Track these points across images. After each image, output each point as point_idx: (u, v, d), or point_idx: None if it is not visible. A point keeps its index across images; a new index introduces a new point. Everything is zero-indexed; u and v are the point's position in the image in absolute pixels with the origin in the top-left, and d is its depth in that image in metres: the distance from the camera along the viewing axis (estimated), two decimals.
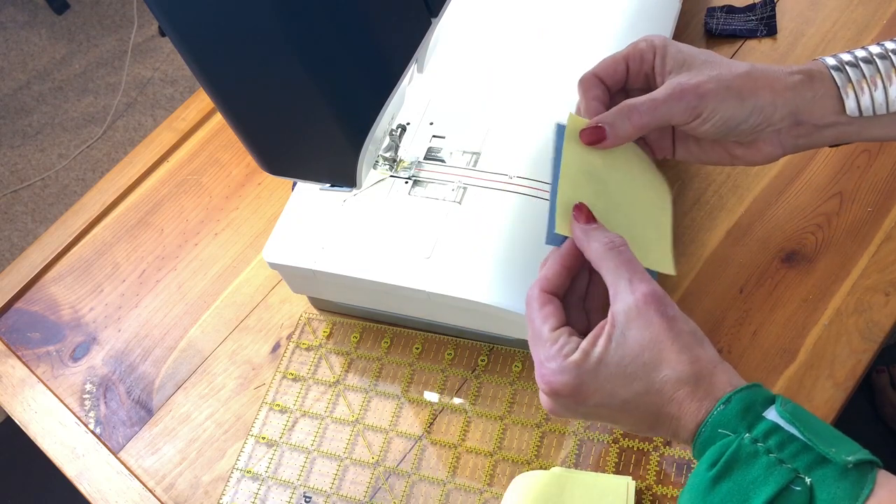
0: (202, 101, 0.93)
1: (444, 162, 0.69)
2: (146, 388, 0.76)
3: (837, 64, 0.52)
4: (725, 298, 0.68)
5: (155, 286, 0.82)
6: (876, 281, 0.67)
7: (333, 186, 0.66)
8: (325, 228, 0.68)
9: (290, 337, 0.76)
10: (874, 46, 0.53)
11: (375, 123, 0.56)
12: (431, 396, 0.69)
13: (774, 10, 0.82)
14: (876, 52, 0.52)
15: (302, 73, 0.50)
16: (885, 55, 0.52)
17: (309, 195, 0.70)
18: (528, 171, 0.66)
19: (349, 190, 0.69)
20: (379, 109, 0.56)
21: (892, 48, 0.52)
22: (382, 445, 0.68)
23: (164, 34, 2.25)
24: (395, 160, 0.69)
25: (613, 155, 0.54)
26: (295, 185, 0.72)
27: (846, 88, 0.52)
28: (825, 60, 0.53)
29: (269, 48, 0.49)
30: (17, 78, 2.33)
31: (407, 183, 0.69)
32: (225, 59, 0.51)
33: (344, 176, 0.60)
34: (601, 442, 0.64)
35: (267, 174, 0.64)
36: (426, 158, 0.70)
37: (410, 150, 0.71)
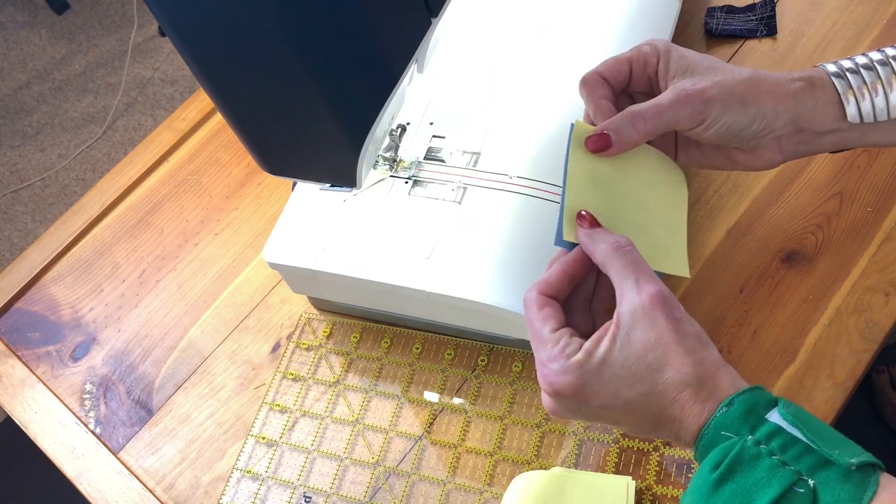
0: (202, 101, 0.93)
1: (444, 162, 0.69)
2: (146, 388, 0.76)
3: (838, 70, 0.52)
4: (725, 298, 0.68)
5: (155, 286, 0.82)
6: (876, 281, 0.67)
7: (333, 186, 0.66)
8: (325, 228, 0.68)
9: (290, 337, 0.76)
10: (875, 52, 0.53)
11: (375, 123, 0.56)
12: (431, 396, 0.69)
13: (774, 10, 0.82)
14: (876, 58, 0.52)
15: (302, 73, 0.50)
16: (885, 61, 0.52)
17: (309, 195, 0.70)
18: (528, 171, 0.66)
19: (349, 190, 0.69)
20: (379, 109, 0.56)
21: (892, 54, 0.52)
22: (382, 445, 0.68)
23: (164, 34, 2.25)
24: (395, 160, 0.69)
25: (622, 158, 0.54)
26: (295, 185, 0.72)
27: (847, 95, 0.52)
28: (826, 67, 0.53)
29: (269, 48, 0.49)
30: (17, 78, 2.33)
31: (407, 183, 0.69)
32: (225, 59, 0.51)
33: (344, 176, 0.60)
34: (601, 442, 0.64)
35: (267, 174, 0.64)
36: (426, 158, 0.70)
37: (410, 150, 0.71)
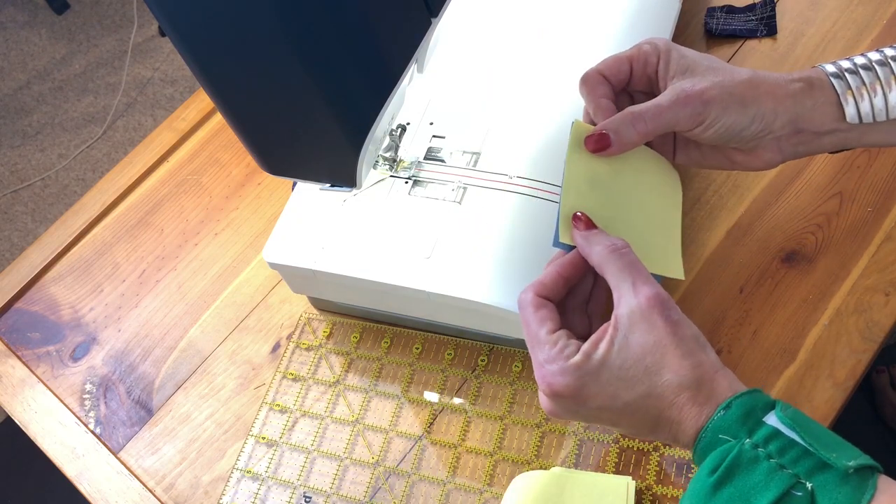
0: (202, 101, 0.93)
1: (444, 162, 0.69)
2: (146, 388, 0.76)
3: (837, 71, 0.52)
4: (725, 298, 0.68)
5: (155, 286, 0.82)
6: (876, 281, 0.67)
7: (333, 186, 0.66)
8: (325, 228, 0.68)
9: (290, 337, 0.76)
10: (873, 53, 0.53)
11: (375, 123, 0.56)
12: (431, 396, 0.69)
13: (774, 10, 0.82)
14: (875, 58, 0.52)
15: (302, 73, 0.50)
16: (884, 62, 0.52)
17: (309, 195, 0.70)
18: (528, 171, 0.66)
19: (349, 190, 0.69)
20: (379, 109, 0.56)
21: (891, 55, 0.52)
22: (382, 445, 0.68)
23: (164, 34, 2.25)
24: (395, 160, 0.69)
25: (620, 159, 0.54)
26: (295, 185, 0.72)
27: (846, 95, 0.52)
28: (824, 68, 0.53)
29: (269, 48, 0.49)
30: (17, 78, 2.33)
31: (407, 183, 0.69)
32: (225, 59, 0.51)
33: (344, 176, 0.60)
34: (601, 442, 0.64)
35: (267, 174, 0.64)
36: (426, 158, 0.70)
37: (410, 150, 0.71)
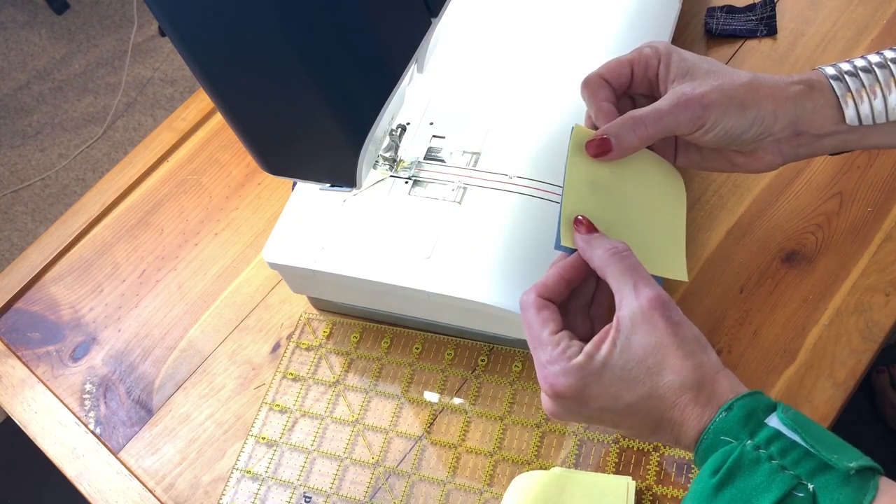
0: (202, 101, 0.93)
1: (444, 162, 0.69)
2: (146, 388, 0.76)
3: (836, 73, 0.53)
4: (725, 298, 0.68)
5: (155, 286, 0.82)
6: (876, 281, 0.67)
7: (333, 186, 0.66)
8: (325, 228, 0.68)
9: (290, 337, 0.76)
10: (873, 55, 0.53)
11: (375, 123, 0.56)
12: (431, 396, 0.69)
13: (774, 10, 0.82)
14: (875, 61, 0.52)
15: (302, 73, 0.50)
16: (883, 64, 0.52)
17: (309, 195, 0.70)
18: (528, 171, 0.66)
19: (349, 190, 0.69)
20: (379, 109, 0.56)
21: (891, 57, 0.52)
22: (382, 445, 0.68)
23: (164, 34, 2.25)
24: (395, 160, 0.69)
25: (621, 163, 0.54)
26: (295, 185, 0.72)
27: (845, 98, 0.52)
28: (824, 70, 0.53)
29: (268, 48, 0.49)
30: (17, 78, 2.33)
31: (407, 183, 0.69)
32: (225, 59, 0.51)
33: (344, 176, 0.60)
34: (601, 442, 0.64)
35: (267, 174, 0.64)
36: (426, 158, 0.70)
37: (410, 150, 0.71)
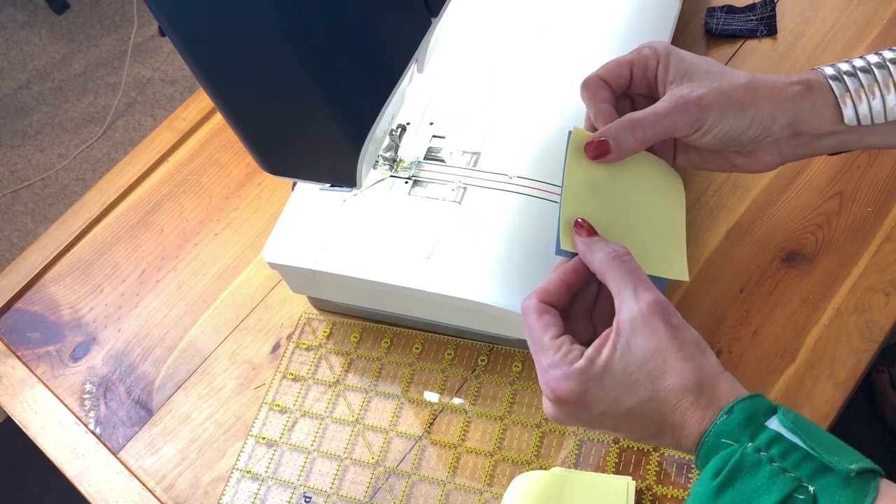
0: (202, 101, 0.93)
1: (444, 162, 0.69)
2: (146, 388, 0.76)
3: (835, 73, 0.53)
4: (725, 298, 0.68)
5: (155, 286, 0.82)
6: (876, 281, 0.67)
7: (333, 186, 0.66)
8: (325, 228, 0.68)
9: (290, 337, 0.76)
10: (872, 56, 0.53)
11: (375, 123, 0.56)
12: (431, 396, 0.69)
13: (774, 10, 0.82)
14: (874, 61, 0.53)
15: (302, 73, 0.50)
16: (882, 65, 0.52)
17: (309, 195, 0.70)
18: (528, 171, 0.66)
19: (349, 190, 0.69)
20: (379, 109, 0.56)
21: (890, 57, 0.52)
22: (382, 445, 0.68)
23: (164, 34, 2.25)
24: (395, 160, 0.69)
25: (619, 165, 0.54)
26: (295, 185, 0.72)
27: (844, 98, 0.52)
28: (823, 70, 0.53)
29: (268, 48, 0.49)
30: (17, 78, 2.33)
31: (407, 183, 0.69)
32: (225, 59, 0.51)
33: (344, 176, 0.60)
34: (601, 442, 0.64)
35: (267, 174, 0.64)
36: (426, 158, 0.70)
37: (410, 150, 0.71)
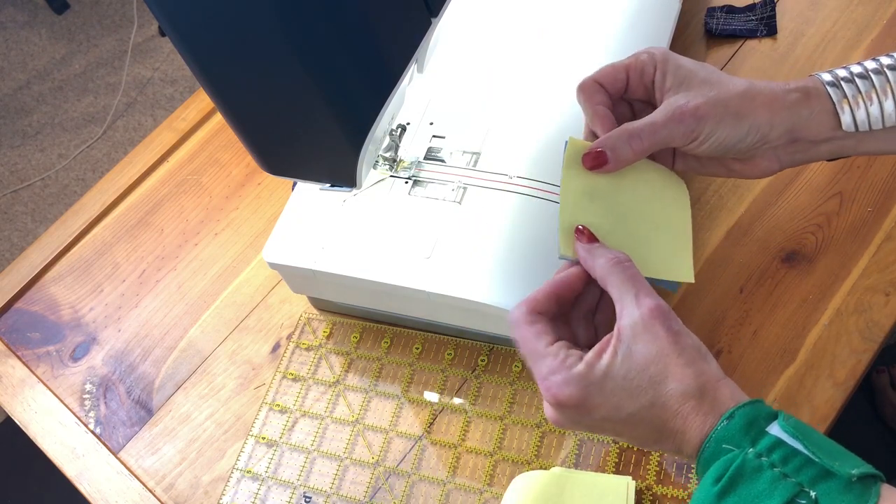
0: (202, 101, 0.93)
1: (444, 162, 0.69)
2: (146, 388, 0.76)
3: (833, 80, 0.53)
4: (725, 298, 0.68)
5: (155, 286, 0.82)
6: (876, 281, 0.67)
7: (333, 186, 0.66)
8: (325, 228, 0.68)
9: (290, 337, 0.76)
10: (869, 62, 0.53)
11: (375, 123, 0.56)
12: (431, 396, 0.69)
13: (774, 10, 0.82)
14: (871, 67, 0.53)
15: (302, 73, 0.50)
16: (880, 70, 0.52)
17: (309, 195, 0.70)
18: (528, 171, 0.66)
19: (349, 190, 0.69)
20: (379, 109, 0.56)
21: (887, 63, 0.52)
22: (382, 445, 0.68)
23: (164, 34, 2.24)
24: (395, 160, 0.69)
25: (619, 171, 0.55)
26: (295, 185, 0.72)
27: (841, 104, 0.52)
28: (821, 77, 0.53)
29: (268, 48, 0.49)
30: (17, 78, 2.33)
31: (407, 183, 0.69)
32: (225, 59, 0.51)
33: (344, 176, 0.60)
34: (601, 442, 0.64)
35: (267, 174, 0.64)
36: (426, 158, 0.70)
37: (410, 150, 0.71)
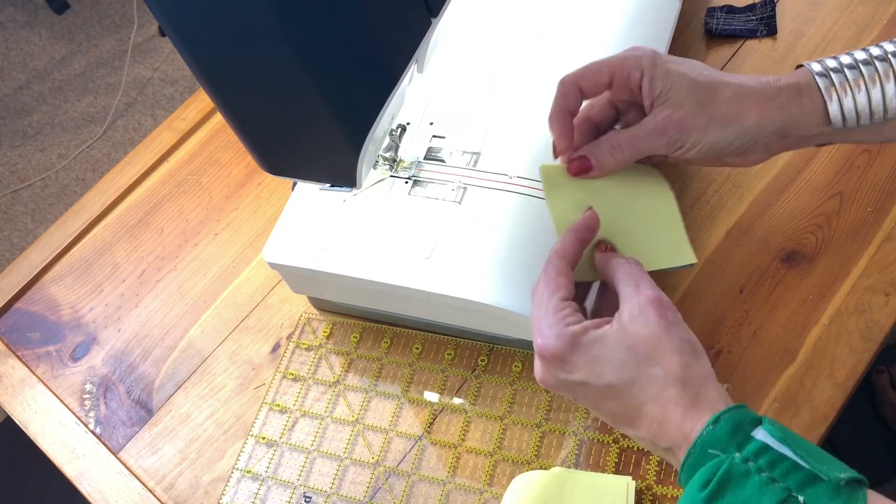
0: (202, 101, 0.93)
1: (444, 162, 0.69)
2: (146, 388, 0.76)
3: (822, 70, 0.53)
4: (725, 298, 0.68)
5: (155, 286, 0.82)
6: (876, 281, 0.67)
7: (333, 186, 0.66)
8: (325, 228, 0.68)
9: (290, 337, 0.76)
10: (859, 52, 0.53)
11: (375, 123, 0.56)
12: (431, 396, 0.69)
13: (774, 10, 0.82)
14: (860, 57, 0.53)
15: (302, 73, 0.50)
16: (869, 61, 0.53)
17: (309, 195, 0.70)
18: (528, 171, 0.66)
19: (349, 190, 0.69)
20: (379, 109, 0.56)
21: (876, 53, 0.53)
22: (382, 445, 0.68)
23: (164, 34, 2.25)
24: (395, 160, 0.69)
25: (597, 181, 0.57)
26: (295, 185, 0.72)
27: (829, 91, 0.52)
28: (811, 67, 0.53)
29: (269, 48, 0.49)
30: (17, 78, 2.33)
31: (407, 183, 0.69)
32: (225, 59, 0.51)
33: (344, 176, 0.60)
34: (601, 442, 0.64)
35: (267, 174, 0.64)
36: (426, 158, 0.70)
37: (410, 150, 0.71)
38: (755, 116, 0.52)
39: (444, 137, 0.71)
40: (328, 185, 0.65)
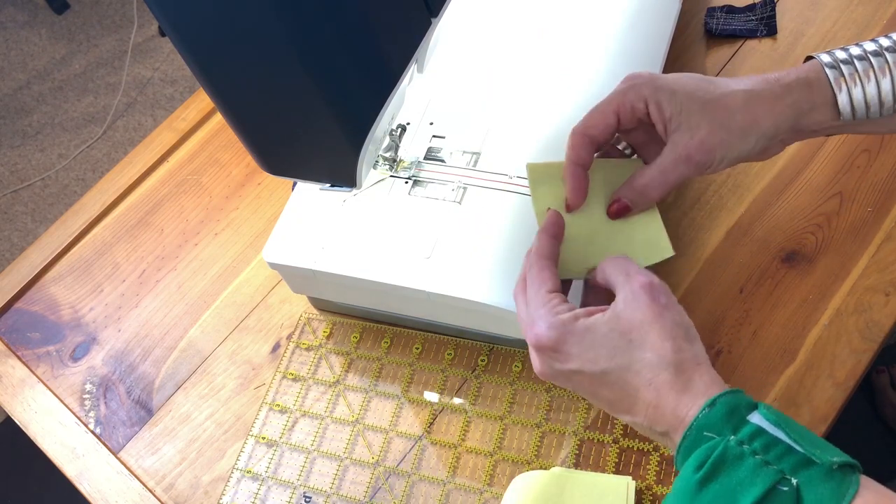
0: (202, 101, 0.93)
1: (444, 162, 0.69)
2: (146, 388, 0.76)
3: (832, 61, 0.53)
4: (725, 298, 0.68)
5: (155, 286, 0.82)
6: (876, 281, 0.67)
7: (333, 186, 0.66)
8: (325, 228, 0.68)
9: (290, 337, 0.76)
10: (868, 43, 0.53)
11: (375, 123, 0.56)
12: (431, 396, 0.69)
13: (774, 10, 0.82)
14: (870, 48, 0.53)
15: (302, 73, 0.50)
16: (879, 52, 0.53)
17: (309, 195, 0.70)
18: None
19: (349, 190, 0.69)
20: (379, 109, 0.56)
21: (886, 45, 0.53)
22: (382, 445, 0.68)
23: (164, 34, 2.25)
24: (395, 160, 0.69)
25: None
26: (295, 185, 0.72)
27: (839, 82, 0.52)
28: (820, 58, 0.53)
29: (268, 48, 0.49)
30: (17, 78, 2.33)
31: (407, 183, 0.69)
32: (225, 59, 0.51)
33: (344, 176, 0.60)
34: (601, 442, 0.64)
35: (267, 174, 0.64)
36: (426, 158, 0.70)
37: (410, 150, 0.71)
38: (770, 118, 0.53)
39: (444, 137, 0.71)
40: (328, 185, 0.65)
